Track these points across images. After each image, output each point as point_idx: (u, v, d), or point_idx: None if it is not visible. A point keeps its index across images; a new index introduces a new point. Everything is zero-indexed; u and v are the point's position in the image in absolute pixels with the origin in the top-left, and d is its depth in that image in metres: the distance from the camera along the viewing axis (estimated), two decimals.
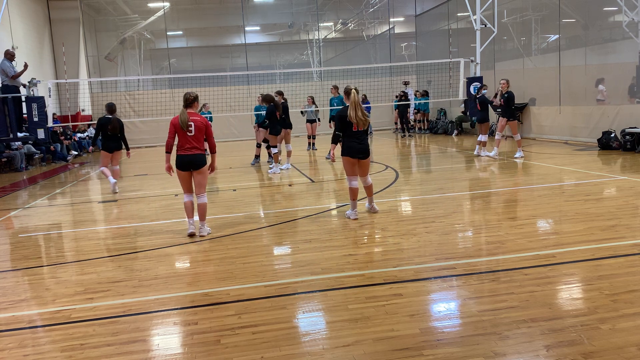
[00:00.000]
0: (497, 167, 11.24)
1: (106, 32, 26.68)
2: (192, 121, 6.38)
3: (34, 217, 8.52)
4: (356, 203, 6.99)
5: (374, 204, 7.22)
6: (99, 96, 23.07)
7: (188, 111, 6.42)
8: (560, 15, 16.56)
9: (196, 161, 6.42)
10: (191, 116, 6.41)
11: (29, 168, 16.00)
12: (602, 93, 14.91)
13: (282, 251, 5.85)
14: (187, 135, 6.37)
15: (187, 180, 6.53)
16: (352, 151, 6.78)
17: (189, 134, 6.37)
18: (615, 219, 6.19)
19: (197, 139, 6.41)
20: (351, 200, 6.97)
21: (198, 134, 6.41)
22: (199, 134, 6.42)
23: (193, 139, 6.39)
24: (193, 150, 6.40)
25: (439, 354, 3.23)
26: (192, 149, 6.40)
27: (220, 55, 31.03)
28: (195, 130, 6.39)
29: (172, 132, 6.45)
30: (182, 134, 6.39)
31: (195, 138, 6.40)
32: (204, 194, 6.60)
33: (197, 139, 6.41)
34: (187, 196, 6.58)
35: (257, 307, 4.14)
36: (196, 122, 6.40)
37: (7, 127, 12.14)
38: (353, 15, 29.28)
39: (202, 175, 6.52)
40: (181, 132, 6.39)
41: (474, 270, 4.73)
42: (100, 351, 3.54)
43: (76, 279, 5.13)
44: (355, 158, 6.84)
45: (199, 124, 6.42)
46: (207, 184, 6.73)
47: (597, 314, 3.66)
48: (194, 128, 6.38)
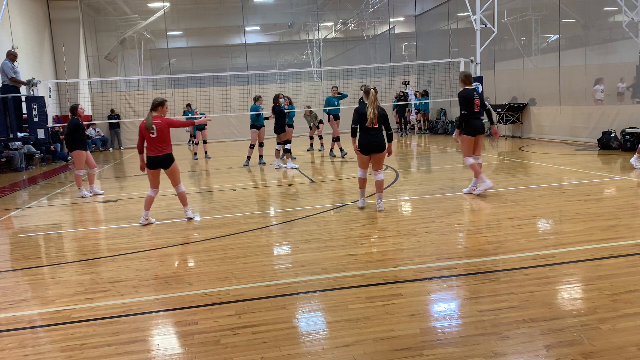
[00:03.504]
0: (498, 167, 11.23)
1: (106, 32, 26.67)
2: (155, 124, 6.96)
3: (34, 217, 8.52)
4: (364, 191, 7.58)
5: (381, 202, 7.38)
6: (99, 96, 23.06)
7: (153, 115, 7.03)
8: (560, 15, 16.56)
9: (162, 161, 7.10)
10: (155, 119, 7.00)
11: (29, 168, 16.00)
12: (598, 93, 14.92)
13: (282, 251, 5.85)
14: (151, 137, 6.98)
15: (154, 178, 7.25)
16: (365, 146, 7.21)
17: (152, 135, 6.95)
18: (615, 219, 6.19)
19: (161, 140, 7.02)
20: (360, 188, 7.55)
21: (161, 135, 7.00)
22: (161, 135, 7.00)
23: (157, 140, 7.00)
24: (159, 151, 7.05)
25: (439, 354, 3.23)
26: (158, 149, 7.04)
27: (220, 55, 31.03)
28: (158, 132, 6.97)
29: (140, 135, 7.09)
30: (148, 136, 7.00)
31: (158, 139, 7.00)
32: (180, 184, 7.34)
33: (161, 140, 7.02)
34: (151, 191, 7.29)
35: (257, 307, 4.14)
36: (158, 125, 6.99)
37: (7, 127, 12.14)
38: (353, 15, 29.28)
39: (171, 172, 7.22)
40: (147, 135, 6.98)
41: (474, 270, 4.73)
42: (100, 351, 3.54)
43: (76, 279, 5.12)
44: (369, 154, 7.26)
45: (161, 126, 7.00)
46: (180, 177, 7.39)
47: (597, 314, 3.66)
48: (156, 130, 6.96)
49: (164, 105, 7.16)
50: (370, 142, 7.17)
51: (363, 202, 7.56)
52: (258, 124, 13.51)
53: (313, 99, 19.74)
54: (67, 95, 22.01)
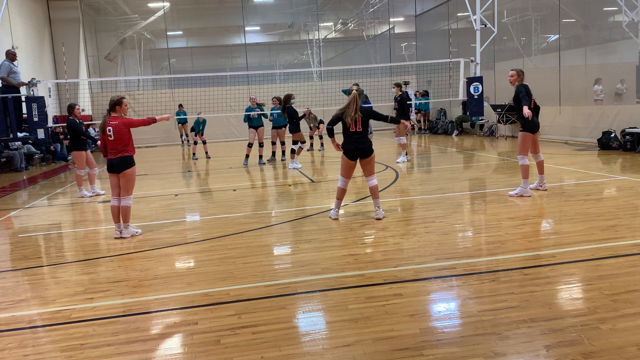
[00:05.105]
0: (498, 167, 11.24)
1: (106, 32, 26.67)
2: (111, 126, 6.46)
3: (34, 217, 8.52)
4: (340, 203, 7.01)
5: (379, 209, 6.87)
6: (99, 96, 23.05)
7: (111, 116, 6.53)
8: (560, 15, 16.56)
9: (117, 164, 6.49)
10: (111, 121, 6.50)
11: (29, 168, 16.00)
12: (597, 93, 14.93)
13: (282, 251, 5.84)
14: (109, 140, 6.50)
15: (114, 184, 6.62)
16: (351, 152, 6.75)
17: (109, 138, 6.48)
18: (615, 219, 6.18)
19: (119, 142, 6.46)
20: (336, 199, 6.99)
21: (119, 137, 6.45)
22: (119, 136, 6.45)
23: (115, 143, 6.46)
24: (116, 154, 6.48)
25: (439, 354, 3.23)
26: (115, 152, 6.49)
27: (220, 55, 31.02)
28: (116, 134, 6.45)
29: (101, 138, 6.65)
30: (107, 139, 6.52)
31: (116, 142, 6.46)
32: (128, 197, 6.60)
33: (118, 143, 6.46)
34: (113, 199, 6.66)
35: (257, 307, 4.14)
36: (115, 126, 6.45)
37: (7, 127, 12.14)
38: (353, 15, 29.27)
39: (126, 178, 6.53)
40: (106, 137, 6.52)
41: (474, 270, 4.73)
42: (100, 351, 3.54)
43: (76, 279, 5.12)
44: (355, 160, 6.82)
45: (118, 127, 6.45)
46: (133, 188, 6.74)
47: (597, 314, 3.66)
48: (113, 132, 6.45)
49: (122, 103, 6.57)
50: (355, 147, 6.68)
51: (336, 214, 6.96)
52: (254, 124, 13.59)
53: (313, 99, 19.73)
54: (67, 95, 22.00)
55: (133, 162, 6.58)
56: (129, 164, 6.51)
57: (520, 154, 7.80)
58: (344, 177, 6.90)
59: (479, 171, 11.00)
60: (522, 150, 7.78)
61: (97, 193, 10.27)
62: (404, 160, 12.64)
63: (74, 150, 10.00)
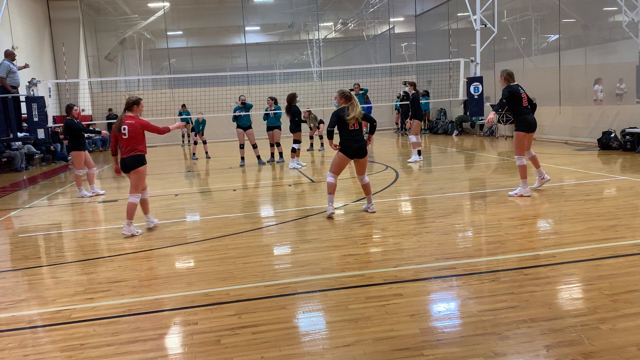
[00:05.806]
0: (498, 167, 11.24)
1: (106, 32, 26.69)
2: (126, 124, 6.58)
3: (34, 217, 8.52)
4: (333, 197, 7.14)
5: (371, 205, 7.23)
6: (99, 96, 23.06)
7: (127, 114, 6.66)
8: (560, 15, 16.56)
9: (130, 163, 6.60)
10: (126, 120, 6.62)
11: (29, 168, 16.00)
12: (597, 93, 14.94)
13: (282, 251, 5.84)
14: (123, 138, 6.60)
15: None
16: (349, 151, 6.99)
17: (124, 137, 6.58)
18: (615, 219, 6.18)
19: (133, 141, 6.58)
20: (328, 194, 7.13)
21: (133, 136, 6.58)
22: (134, 136, 6.58)
23: (128, 142, 6.58)
24: (129, 153, 6.60)
25: (439, 354, 3.23)
26: (128, 151, 6.60)
27: (220, 55, 31.03)
28: (130, 133, 6.57)
29: (113, 136, 6.73)
30: (120, 138, 6.63)
31: (130, 141, 6.58)
32: (136, 194, 6.72)
33: (132, 141, 6.58)
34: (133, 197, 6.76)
35: (257, 307, 4.14)
36: (130, 125, 6.59)
37: (7, 127, 12.15)
38: (353, 15, 29.29)
39: (137, 175, 6.66)
40: (119, 136, 6.62)
41: (474, 270, 4.73)
42: (100, 351, 3.54)
43: (76, 279, 5.12)
44: (352, 158, 7.06)
45: (134, 126, 6.59)
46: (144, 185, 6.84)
47: (597, 314, 3.66)
48: (128, 131, 6.57)
49: (139, 104, 6.75)
50: (354, 147, 6.95)
51: (332, 208, 7.08)
52: (242, 124, 13.59)
53: (313, 99, 19.73)
54: (67, 95, 22.00)
55: (145, 160, 6.72)
56: (141, 162, 6.66)
57: (517, 155, 7.86)
58: (334, 173, 7.16)
59: (479, 171, 11.00)
60: (518, 150, 7.83)
61: (97, 193, 10.26)
62: (416, 159, 12.46)
63: (73, 151, 10.00)
